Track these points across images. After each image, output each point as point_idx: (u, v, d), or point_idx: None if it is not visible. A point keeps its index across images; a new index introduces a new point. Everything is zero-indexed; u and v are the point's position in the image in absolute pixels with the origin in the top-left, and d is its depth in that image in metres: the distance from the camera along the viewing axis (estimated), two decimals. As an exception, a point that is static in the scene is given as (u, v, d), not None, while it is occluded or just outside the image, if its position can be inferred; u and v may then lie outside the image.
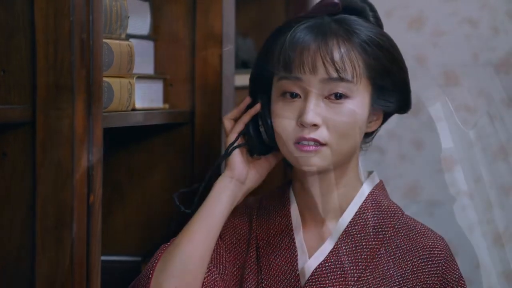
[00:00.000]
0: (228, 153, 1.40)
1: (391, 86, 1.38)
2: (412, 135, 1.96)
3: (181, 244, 1.35)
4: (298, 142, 1.34)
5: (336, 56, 1.33)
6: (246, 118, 1.42)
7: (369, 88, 1.36)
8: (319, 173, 1.37)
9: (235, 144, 1.41)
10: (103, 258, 1.28)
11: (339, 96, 1.34)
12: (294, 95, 1.35)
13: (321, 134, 1.33)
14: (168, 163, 1.65)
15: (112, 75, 1.40)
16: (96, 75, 1.23)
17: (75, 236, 1.20)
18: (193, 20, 1.65)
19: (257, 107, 1.40)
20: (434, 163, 1.86)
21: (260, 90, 1.41)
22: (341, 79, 1.33)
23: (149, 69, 1.64)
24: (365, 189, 1.42)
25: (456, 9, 1.88)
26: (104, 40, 1.34)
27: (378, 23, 1.41)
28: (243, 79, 1.93)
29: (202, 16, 1.64)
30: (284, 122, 1.35)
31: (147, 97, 1.57)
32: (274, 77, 1.38)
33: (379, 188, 1.43)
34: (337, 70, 1.32)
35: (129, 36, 1.48)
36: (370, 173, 1.45)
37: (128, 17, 1.45)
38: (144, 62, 1.61)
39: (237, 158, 1.41)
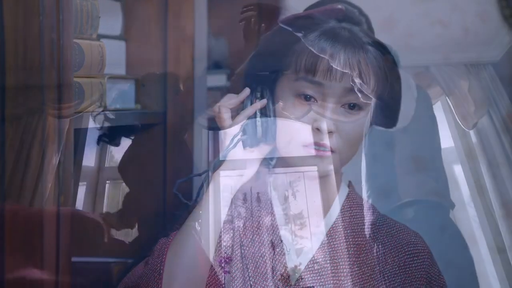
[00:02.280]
0: (234, 145, 1.38)
1: (390, 102, 1.40)
2: (384, 135, 1.97)
3: (190, 235, 1.35)
4: (308, 145, 1.35)
5: (363, 68, 1.34)
6: (250, 111, 1.39)
7: (373, 102, 1.38)
8: (319, 177, 1.38)
9: (239, 137, 1.39)
10: (73, 259, 1.27)
11: (353, 106, 1.36)
12: (308, 98, 1.36)
13: (333, 141, 1.35)
14: (140, 164, 1.64)
15: (83, 75, 1.39)
16: (66, 75, 1.22)
17: (45, 237, 1.19)
18: (165, 20, 1.64)
19: (264, 102, 1.39)
20: (405, 163, 1.87)
21: (262, 84, 1.41)
22: (361, 90, 1.34)
23: (121, 70, 1.63)
24: (343, 189, 1.44)
25: (427, 11, 1.90)
26: (75, 40, 1.33)
27: (373, 36, 1.42)
28: (215, 80, 1.92)
29: (174, 16, 1.64)
30: (296, 123, 1.36)
31: (118, 97, 1.56)
32: (287, 75, 1.38)
33: (352, 188, 1.46)
34: (362, 82, 1.34)
35: (100, 36, 1.47)
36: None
37: (99, 17, 1.44)
38: (116, 62, 1.60)
39: (237, 150, 1.39)
